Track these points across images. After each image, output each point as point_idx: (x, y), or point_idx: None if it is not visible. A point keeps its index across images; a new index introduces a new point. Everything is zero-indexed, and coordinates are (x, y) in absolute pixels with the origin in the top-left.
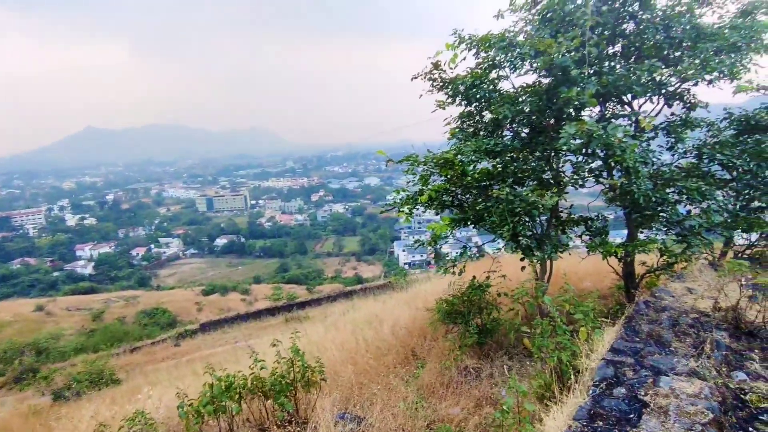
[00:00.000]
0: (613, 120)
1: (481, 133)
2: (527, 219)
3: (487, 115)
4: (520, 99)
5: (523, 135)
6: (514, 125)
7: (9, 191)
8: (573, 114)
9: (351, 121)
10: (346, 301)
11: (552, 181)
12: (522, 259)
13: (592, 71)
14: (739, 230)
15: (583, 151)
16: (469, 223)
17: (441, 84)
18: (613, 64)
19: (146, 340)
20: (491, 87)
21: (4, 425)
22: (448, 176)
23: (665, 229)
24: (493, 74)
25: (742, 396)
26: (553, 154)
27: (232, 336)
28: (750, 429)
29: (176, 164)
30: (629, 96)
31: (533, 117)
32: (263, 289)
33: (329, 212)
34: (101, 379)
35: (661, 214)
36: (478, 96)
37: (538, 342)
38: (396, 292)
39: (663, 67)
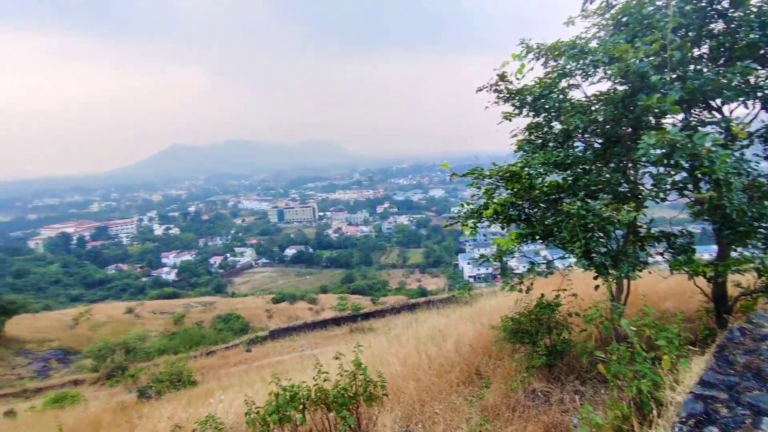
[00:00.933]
0: (699, 128)
1: (550, 144)
2: (601, 235)
3: (557, 126)
4: (593, 108)
5: (596, 146)
6: (586, 135)
7: (107, 203)
8: (653, 122)
9: (417, 134)
10: (410, 313)
11: (629, 195)
12: (595, 278)
13: (674, 76)
14: None
15: (665, 162)
16: (537, 238)
17: (507, 95)
18: (699, 67)
19: (221, 345)
20: (561, 96)
21: (96, 419)
22: (515, 189)
23: (763, 246)
24: (563, 83)
25: None
26: (630, 165)
27: (299, 344)
28: None
29: (251, 177)
30: (718, 101)
31: (608, 126)
32: (329, 299)
33: (394, 224)
34: (180, 380)
35: (758, 230)
36: (546, 106)
37: (615, 369)
38: (460, 307)
39: (759, 68)
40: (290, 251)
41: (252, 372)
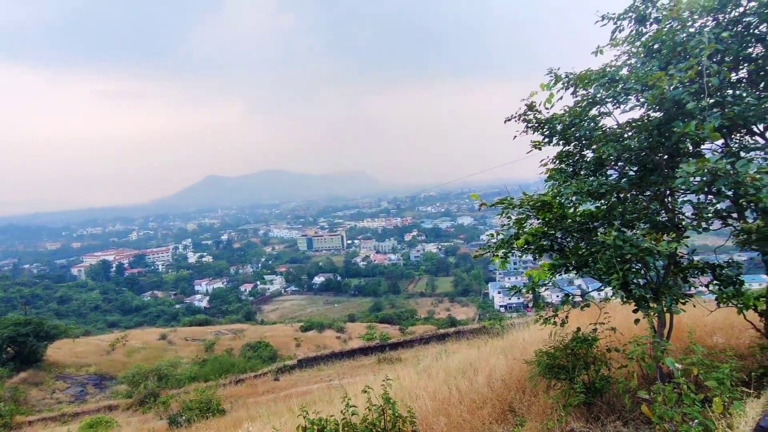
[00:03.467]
0: (742, 153)
1: (582, 172)
2: (640, 266)
3: (589, 154)
4: (626, 136)
5: (630, 173)
6: (620, 164)
7: (145, 232)
8: (690, 149)
9: (445, 162)
10: (439, 344)
11: (668, 224)
12: (635, 311)
13: (712, 102)
14: None
15: (707, 190)
16: (571, 269)
17: (536, 124)
18: (738, 92)
19: (249, 373)
20: (592, 125)
21: None
22: (546, 219)
23: None
24: (594, 111)
25: None
26: (668, 193)
27: (327, 374)
28: None
29: (281, 206)
30: (761, 126)
31: (643, 154)
32: (357, 328)
33: (422, 252)
34: (209, 409)
35: None
36: (577, 134)
37: (660, 411)
38: (491, 338)
39: None
40: (318, 279)
41: (279, 402)
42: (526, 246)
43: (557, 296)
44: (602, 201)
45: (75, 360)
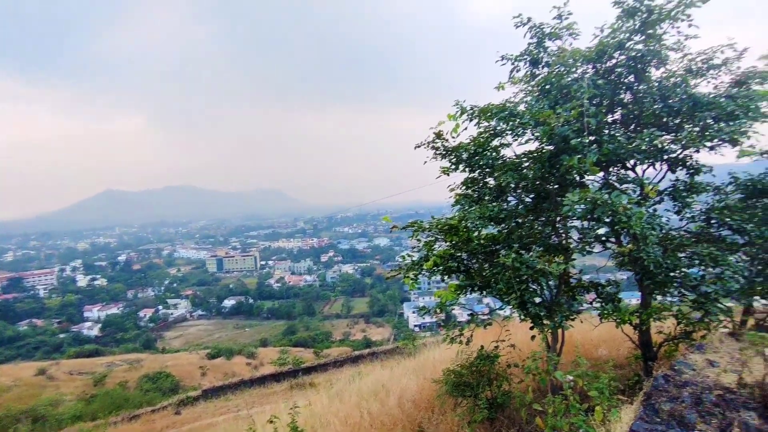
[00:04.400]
0: (618, 184)
1: (486, 198)
2: (535, 286)
3: (491, 181)
4: (523, 166)
5: (527, 201)
6: (518, 191)
7: (24, 252)
8: (577, 179)
9: (362, 182)
10: (353, 366)
11: (559, 247)
12: (532, 328)
13: (592, 139)
14: (758, 297)
15: (589, 217)
16: (476, 290)
17: (444, 152)
18: (613, 132)
19: (146, 407)
20: (494, 154)
21: None
22: (454, 242)
23: (680, 295)
24: (496, 142)
25: None
26: (558, 219)
27: (235, 404)
28: None
29: (189, 225)
30: (632, 162)
31: (537, 183)
32: (270, 353)
33: (338, 273)
34: None
35: (673, 279)
36: (481, 163)
37: (552, 422)
38: (404, 359)
39: (663, 134)
40: (229, 302)
41: None
42: (434, 267)
43: (468, 315)
44: (503, 225)
45: None
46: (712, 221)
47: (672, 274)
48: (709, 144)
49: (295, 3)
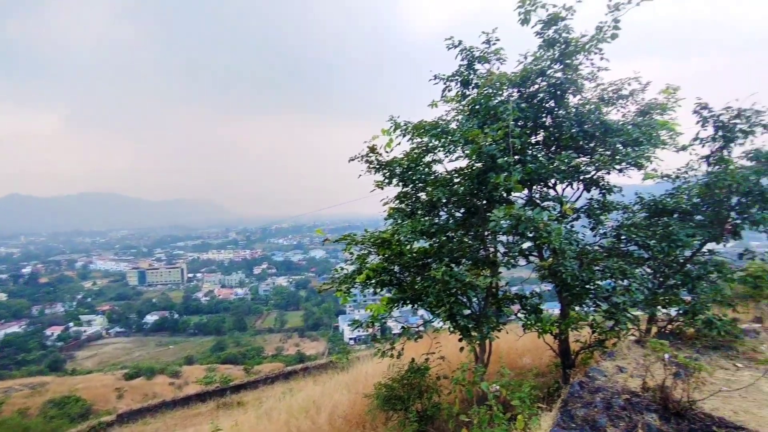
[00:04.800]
0: (540, 201)
1: (419, 212)
2: (464, 299)
3: (423, 196)
4: (454, 182)
5: (457, 216)
6: (449, 206)
7: None
8: (504, 196)
9: (297, 194)
10: (285, 382)
11: (486, 261)
12: (460, 339)
13: (517, 159)
14: (659, 307)
15: (514, 232)
16: (408, 303)
17: (377, 166)
18: (535, 153)
19: None
20: (426, 170)
21: None
22: (386, 255)
23: (594, 305)
24: (428, 158)
25: None
26: (486, 234)
27: (154, 428)
28: None
29: (108, 235)
30: (552, 181)
31: (467, 199)
32: (196, 371)
33: (272, 286)
34: None
35: (589, 291)
36: (414, 178)
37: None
38: (337, 373)
39: (580, 156)
40: (151, 318)
41: None
42: (367, 280)
43: (401, 328)
44: (434, 239)
45: None
46: (622, 237)
47: (587, 286)
48: (618, 167)
49: (236, 5)
